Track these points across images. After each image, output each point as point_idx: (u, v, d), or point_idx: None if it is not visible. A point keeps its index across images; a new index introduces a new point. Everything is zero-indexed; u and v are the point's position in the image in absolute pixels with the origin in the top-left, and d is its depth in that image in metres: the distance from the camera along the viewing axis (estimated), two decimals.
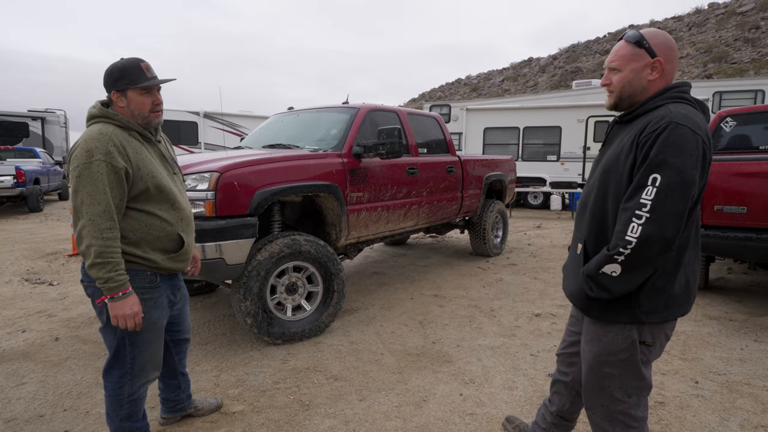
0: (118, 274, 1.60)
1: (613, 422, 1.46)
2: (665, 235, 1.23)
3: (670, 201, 1.21)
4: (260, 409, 2.37)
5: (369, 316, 3.78)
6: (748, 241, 3.47)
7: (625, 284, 1.31)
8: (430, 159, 4.73)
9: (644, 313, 1.35)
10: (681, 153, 1.22)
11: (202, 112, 13.38)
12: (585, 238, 1.46)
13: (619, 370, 1.42)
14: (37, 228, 8.56)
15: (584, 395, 1.56)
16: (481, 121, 12.27)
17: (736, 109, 4.95)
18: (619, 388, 1.44)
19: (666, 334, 1.42)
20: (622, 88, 1.41)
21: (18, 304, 4.12)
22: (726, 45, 30.73)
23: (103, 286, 1.60)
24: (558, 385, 1.81)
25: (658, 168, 1.23)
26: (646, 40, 1.36)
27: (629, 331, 1.38)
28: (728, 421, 2.25)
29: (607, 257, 1.31)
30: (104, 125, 1.66)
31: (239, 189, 2.90)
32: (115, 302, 1.62)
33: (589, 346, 1.48)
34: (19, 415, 2.33)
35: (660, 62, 1.36)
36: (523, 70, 44.94)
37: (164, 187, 1.76)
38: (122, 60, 1.74)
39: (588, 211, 1.46)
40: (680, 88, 1.37)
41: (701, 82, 12.54)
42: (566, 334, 1.77)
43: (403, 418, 2.28)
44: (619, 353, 1.40)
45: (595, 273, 1.34)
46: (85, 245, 1.57)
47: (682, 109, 1.29)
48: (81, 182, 1.57)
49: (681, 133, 1.23)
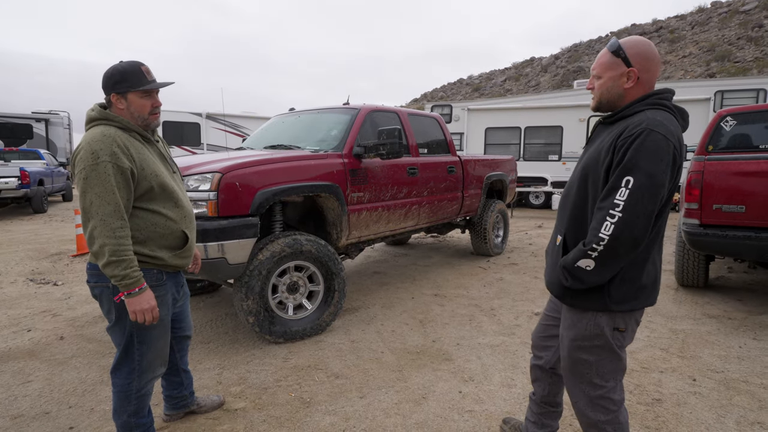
0: (133, 270, 1.64)
1: (595, 408, 1.54)
2: (635, 234, 1.32)
3: (641, 202, 1.30)
4: (262, 407, 2.40)
5: (370, 315, 3.81)
6: (747, 240, 3.49)
7: (597, 277, 1.40)
8: (430, 159, 4.76)
9: (615, 303, 1.44)
10: (653, 158, 1.30)
11: (204, 113, 13.44)
12: (565, 231, 1.55)
13: (595, 356, 1.51)
14: (41, 229, 8.62)
15: (566, 385, 1.64)
16: (482, 121, 12.29)
17: (735, 108, 4.95)
18: (597, 374, 1.52)
19: (636, 320, 1.52)
20: (601, 94, 1.51)
21: (23, 303, 4.17)
22: (729, 44, 30.63)
23: (120, 283, 1.63)
24: (535, 371, 1.89)
25: (631, 171, 1.31)
26: (623, 50, 1.44)
27: (601, 318, 1.47)
28: (725, 418, 2.27)
29: (582, 252, 1.39)
30: (106, 127, 1.69)
31: (241, 189, 2.93)
32: (132, 298, 1.66)
33: (566, 332, 1.57)
34: (25, 412, 2.37)
35: (634, 72, 1.44)
36: (525, 70, 44.89)
37: (167, 186, 1.79)
38: (122, 63, 1.77)
39: (569, 206, 1.55)
40: (660, 95, 1.43)
41: (702, 82, 12.52)
42: (543, 318, 1.86)
43: (402, 415, 2.31)
44: (593, 339, 1.49)
45: (571, 266, 1.43)
46: (98, 245, 1.60)
47: (659, 116, 1.36)
48: (89, 184, 1.60)
49: (654, 139, 1.31)
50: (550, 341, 1.81)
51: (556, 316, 1.76)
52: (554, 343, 1.78)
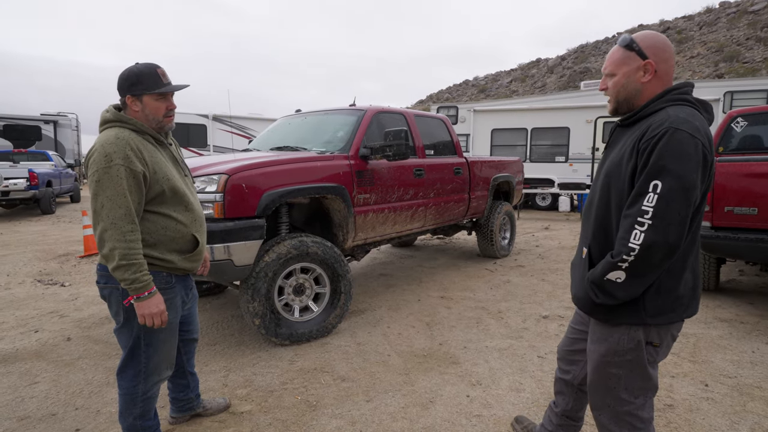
0: (143, 274, 1.64)
1: (620, 423, 1.46)
2: (669, 241, 1.23)
3: (672, 207, 1.22)
4: (268, 410, 2.39)
5: (376, 317, 3.79)
6: (760, 242, 3.43)
7: (630, 290, 1.31)
8: (436, 161, 4.73)
9: (650, 316, 1.34)
10: (680, 158, 1.22)
11: (211, 115, 13.51)
12: (590, 243, 1.47)
13: (625, 370, 1.42)
14: (49, 230, 8.69)
15: (590, 396, 1.55)
16: (488, 123, 12.24)
17: (746, 109, 4.90)
18: (625, 389, 1.43)
19: (672, 335, 1.42)
20: (617, 92, 1.42)
21: (31, 304, 4.19)
22: (737, 44, 30.38)
23: (129, 287, 1.63)
24: (560, 384, 1.81)
25: (658, 174, 1.23)
26: (636, 42, 1.37)
27: (635, 332, 1.38)
28: (738, 424, 2.23)
29: (611, 264, 1.31)
30: (120, 129, 1.69)
31: (247, 191, 2.93)
32: (141, 302, 1.66)
33: (595, 346, 1.48)
34: (32, 413, 2.37)
35: (651, 64, 1.36)
36: (531, 71, 44.75)
37: (178, 190, 1.79)
38: (138, 65, 1.76)
39: (592, 215, 1.47)
40: (681, 90, 1.36)
41: (712, 82, 12.39)
42: (569, 332, 1.77)
43: (409, 419, 2.28)
44: (625, 354, 1.40)
45: (599, 280, 1.35)
46: (108, 248, 1.60)
47: (682, 112, 1.28)
48: (101, 186, 1.60)
49: (680, 138, 1.22)
50: (577, 356, 1.71)
51: (583, 329, 1.66)
52: (582, 357, 1.68)
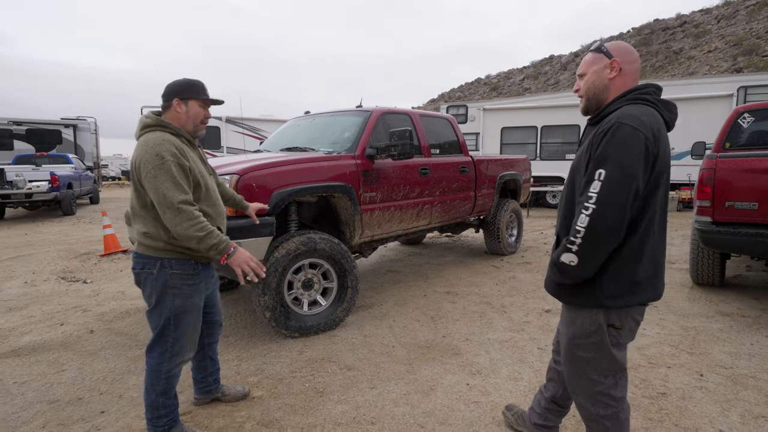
0: (220, 238, 1.87)
1: (595, 403, 1.57)
2: (608, 224, 1.34)
3: (613, 193, 1.34)
4: (278, 395, 2.53)
5: (383, 311, 3.92)
6: (760, 237, 3.47)
7: (581, 271, 1.43)
8: (442, 159, 4.84)
9: (607, 297, 1.45)
10: (622, 149, 1.34)
11: (224, 117, 13.77)
12: (558, 231, 1.61)
13: (592, 353, 1.53)
14: (70, 230, 9.01)
15: (566, 379, 1.67)
16: (498, 121, 12.27)
17: (753, 105, 4.88)
18: (594, 371, 1.54)
19: (634, 318, 1.51)
20: (587, 89, 1.57)
21: (55, 300, 4.42)
22: (757, 37, 29.72)
23: (217, 250, 1.86)
24: (552, 372, 1.92)
25: (602, 163, 1.36)
26: (605, 46, 1.54)
27: (596, 315, 1.49)
28: (729, 411, 2.30)
29: (564, 247, 1.44)
30: (162, 133, 1.91)
31: (258, 190, 3.08)
32: (232, 257, 1.90)
33: (564, 329, 1.61)
34: (60, 397, 2.56)
35: (617, 62, 1.52)
36: (544, 68, 44.37)
37: (209, 186, 2.03)
38: (188, 78, 2.05)
39: (563, 207, 1.60)
40: (642, 90, 1.48)
41: (725, 77, 12.23)
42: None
43: (411, 405, 2.41)
44: (589, 336, 1.51)
45: (557, 261, 1.48)
46: (183, 228, 1.80)
47: (634, 109, 1.40)
48: (159, 181, 1.79)
49: (624, 131, 1.35)
50: None
51: None
52: None
